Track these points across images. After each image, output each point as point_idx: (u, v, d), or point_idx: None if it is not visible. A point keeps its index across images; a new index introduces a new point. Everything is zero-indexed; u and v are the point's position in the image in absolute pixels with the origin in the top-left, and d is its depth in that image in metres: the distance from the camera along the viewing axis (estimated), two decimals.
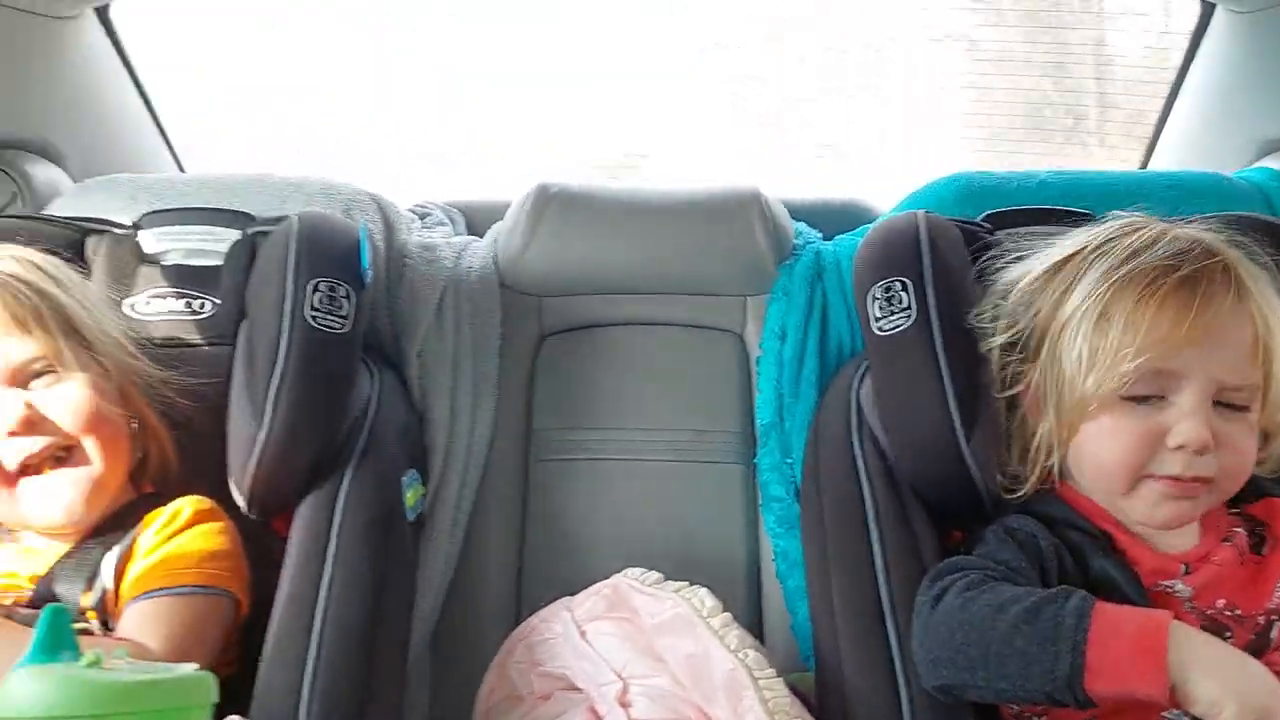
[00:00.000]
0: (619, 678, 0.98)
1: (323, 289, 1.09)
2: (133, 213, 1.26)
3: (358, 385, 1.15)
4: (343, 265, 1.13)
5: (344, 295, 1.11)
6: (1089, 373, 0.91)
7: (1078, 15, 2.50)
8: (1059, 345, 0.95)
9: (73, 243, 1.20)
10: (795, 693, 0.96)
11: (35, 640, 0.68)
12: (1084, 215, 1.08)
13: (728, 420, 1.34)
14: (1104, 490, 0.95)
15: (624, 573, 1.08)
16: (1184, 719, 0.81)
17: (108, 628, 0.96)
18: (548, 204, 1.37)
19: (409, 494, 1.15)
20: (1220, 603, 0.91)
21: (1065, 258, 0.98)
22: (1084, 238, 0.98)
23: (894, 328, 1.04)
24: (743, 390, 1.36)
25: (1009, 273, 1.04)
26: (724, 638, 0.94)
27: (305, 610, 0.97)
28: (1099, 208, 1.08)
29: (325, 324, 1.08)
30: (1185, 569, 0.92)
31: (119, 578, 0.97)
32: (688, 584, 1.02)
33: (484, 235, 1.45)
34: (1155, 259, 0.91)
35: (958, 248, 1.09)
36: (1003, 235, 1.12)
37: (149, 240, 1.22)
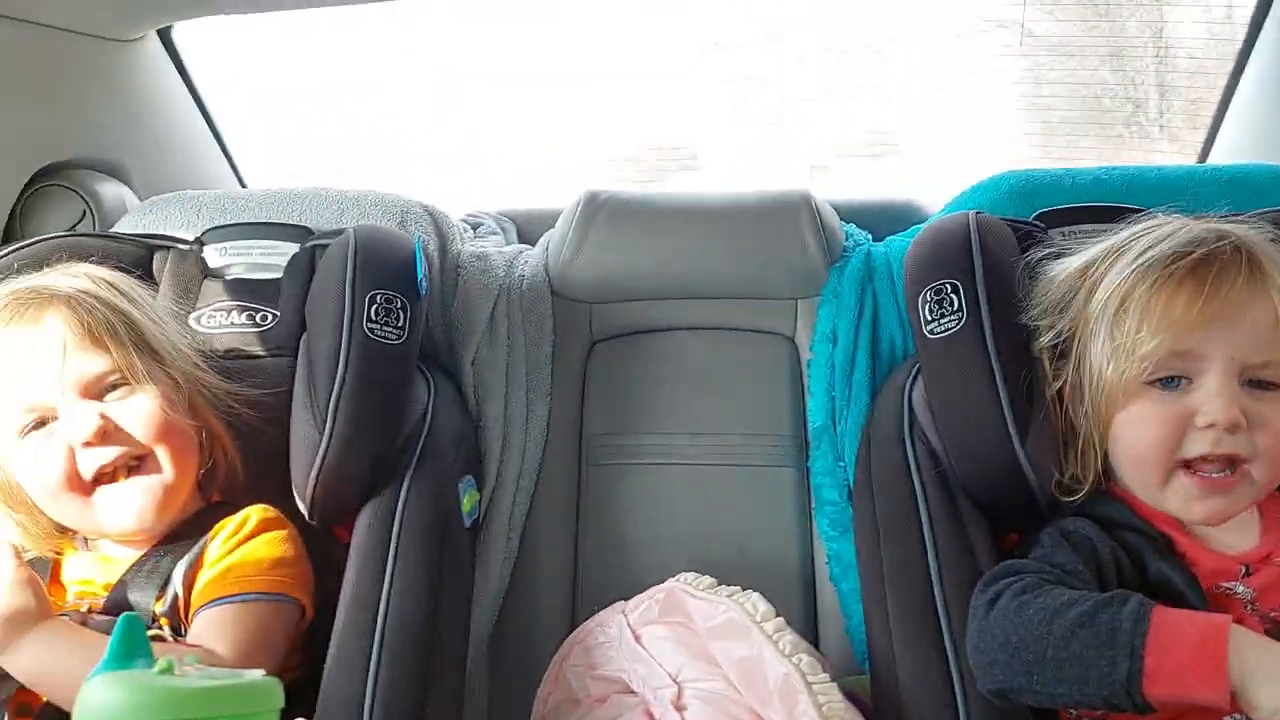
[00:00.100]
0: (674, 681, 0.98)
1: (379, 301, 1.11)
2: (196, 228, 1.30)
3: (414, 394, 1.17)
4: (398, 278, 1.15)
5: (400, 307, 1.12)
6: (1112, 363, 0.92)
7: (1136, 1, 2.44)
8: (1086, 342, 0.96)
9: (141, 259, 1.24)
10: (851, 696, 0.96)
11: (110, 647, 0.69)
12: (1139, 212, 1.06)
13: (779, 424, 1.34)
14: (1141, 483, 0.95)
15: (677, 577, 1.08)
16: None
17: (179, 634, 0.97)
18: (597, 212, 1.37)
19: (465, 500, 1.16)
20: None
21: (1092, 258, 0.99)
22: (1110, 238, 1.00)
23: (945, 330, 1.03)
24: (794, 394, 1.35)
25: (1050, 273, 1.03)
26: (777, 642, 0.94)
27: (367, 614, 0.99)
28: (1156, 203, 1.06)
29: (382, 335, 1.10)
30: (1245, 570, 0.91)
31: (189, 585, 0.99)
32: (740, 589, 1.02)
33: (535, 244, 1.46)
34: (1169, 248, 0.92)
35: (1009, 248, 1.07)
36: (1056, 234, 1.10)
37: (212, 255, 1.25)
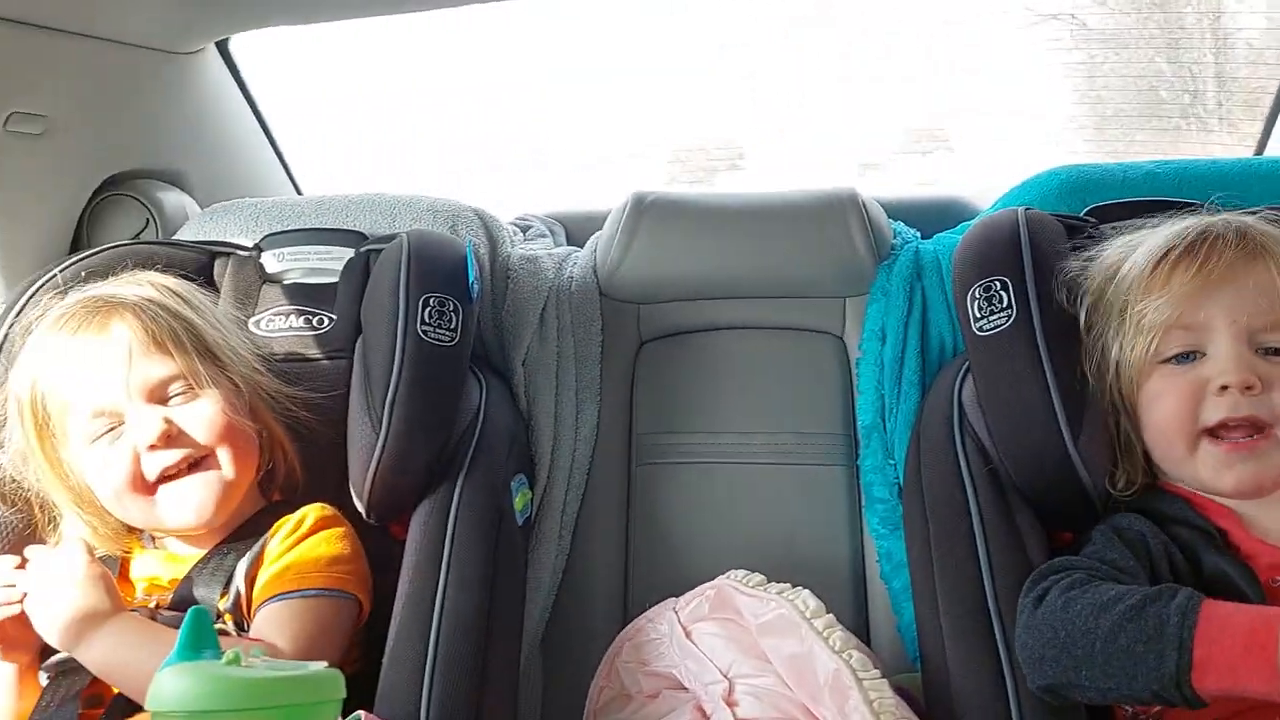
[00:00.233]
0: (724, 677, 0.98)
1: (432, 304, 1.13)
2: (254, 235, 1.33)
3: (467, 395, 1.18)
4: (451, 281, 1.17)
5: (452, 309, 1.14)
6: (1126, 345, 0.96)
7: None
8: (1108, 334, 0.98)
9: (202, 265, 1.28)
10: (902, 693, 0.95)
11: (180, 639, 0.71)
12: (1192, 206, 1.05)
13: (829, 422, 1.34)
14: (1171, 459, 0.96)
15: (727, 575, 1.08)
16: None
17: (242, 629, 1.00)
18: (644, 213, 1.38)
19: (517, 498, 1.18)
20: None
21: (1111, 254, 1.02)
22: (1127, 234, 1.03)
23: (994, 328, 1.02)
24: (843, 392, 1.35)
25: (1088, 270, 1.04)
26: (828, 639, 0.94)
27: (424, 609, 1.00)
28: (1209, 197, 1.05)
29: (435, 337, 1.12)
30: None
31: (251, 582, 1.01)
32: (790, 586, 1.02)
33: (583, 245, 1.48)
34: (1170, 232, 0.97)
35: (1059, 244, 1.07)
36: (1108, 229, 1.09)
37: (270, 261, 1.28)
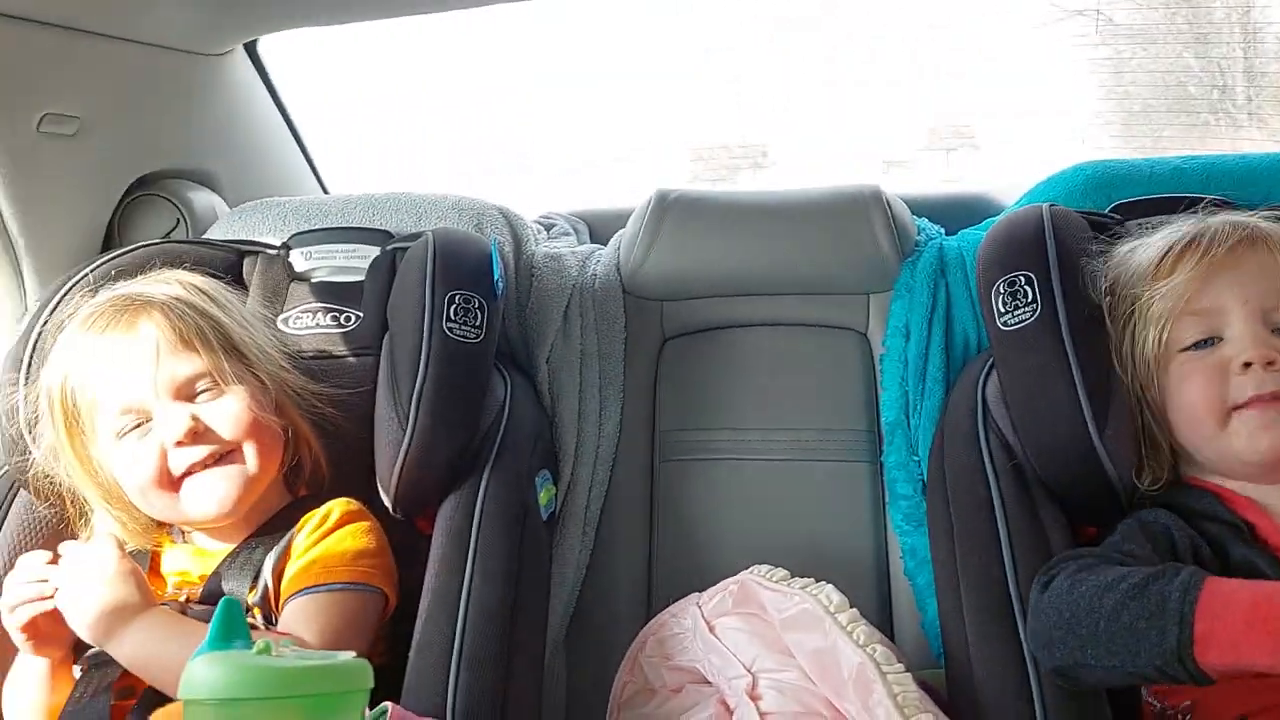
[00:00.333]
0: (748, 671, 0.98)
1: (458, 301, 1.14)
2: (282, 234, 1.35)
3: (492, 391, 1.19)
4: (476, 279, 1.18)
5: (477, 307, 1.15)
6: (1138, 339, 0.97)
7: None
8: (1121, 333, 0.99)
9: (231, 264, 1.29)
10: (926, 688, 0.95)
11: (212, 630, 0.73)
12: (1218, 202, 1.04)
13: (853, 419, 1.34)
14: (1203, 437, 0.95)
15: (750, 570, 1.09)
16: None
17: (270, 623, 1.01)
18: (667, 210, 1.38)
19: (542, 493, 1.18)
20: None
21: (1125, 254, 1.03)
22: (1138, 238, 1.04)
23: (1019, 323, 1.02)
24: (867, 388, 1.35)
25: (1112, 265, 1.04)
26: (851, 633, 0.94)
27: (450, 603, 1.01)
28: (1238, 192, 1.04)
29: (461, 335, 1.13)
30: None
31: (278, 576, 1.03)
32: (814, 580, 1.03)
33: (607, 243, 1.48)
34: (1168, 232, 0.99)
35: (1084, 240, 1.06)
36: (1133, 225, 1.08)
37: (298, 259, 1.30)
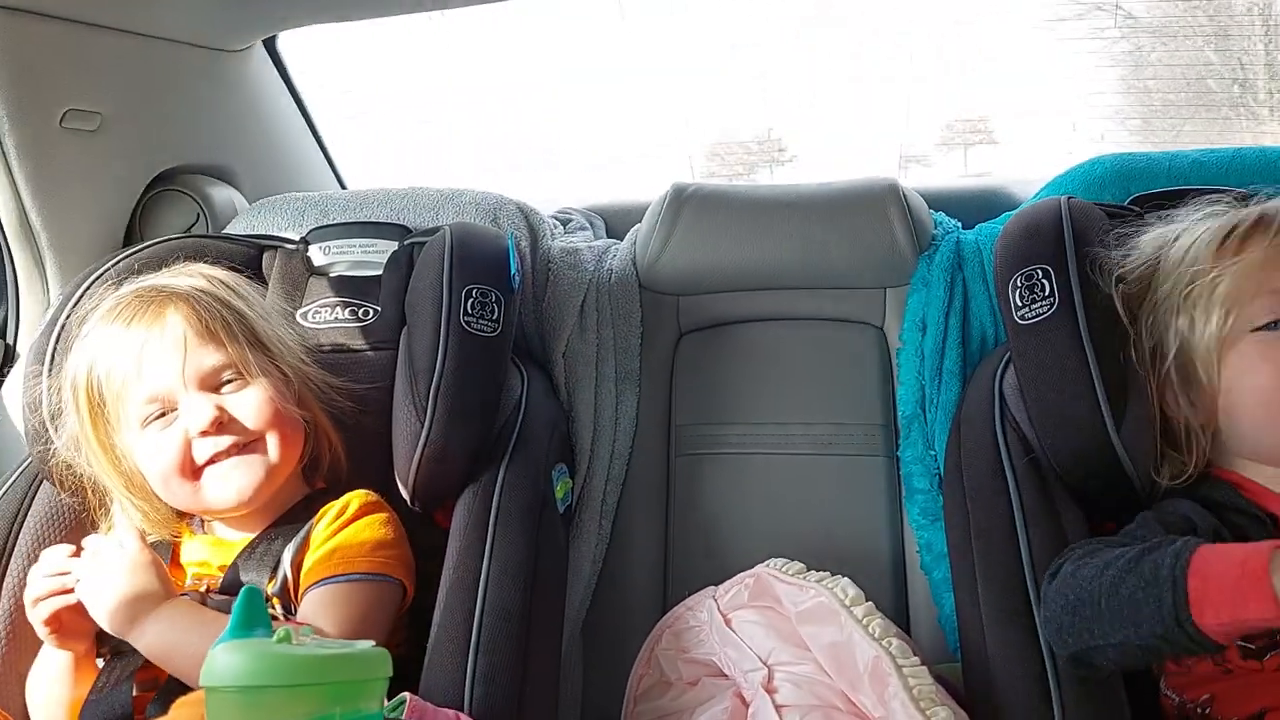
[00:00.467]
0: (764, 664, 0.99)
1: (475, 295, 1.14)
2: (301, 229, 1.36)
3: (509, 385, 1.20)
4: (493, 272, 1.18)
5: (494, 301, 1.16)
6: (1197, 324, 0.94)
7: None
8: (1169, 321, 0.97)
9: (251, 259, 1.30)
10: (942, 682, 0.95)
11: (233, 618, 0.73)
12: (1239, 194, 1.04)
13: (869, 413, 1.34)
14: (1274, 423, 0.93)
15: (766, 563, 1.09)
16: None
17: (289, 613, 1.02)
18: (683, 205, 1.38)
19: (558, 487, 1.19)
20: None
21: (1157, 243, 1.01)
22: (1168, 225, 1.03)
23: (1036, 316, 1.02)
24: (884, 382, 1.35)
25: (1129, 259, 1.03)
26: (867, 626, 0.94)
27: (467, 595, 1.02)
28: (1257, 185, 1.03)
29: (478, 328, 1.13)
30: None
31: (297, 567, 1.03)
32: (829, 574, 1.03)
33: (623, 238, 1.48)
34: (1229, 217, 0.96)
35: (1103, 233, 1.06)
36: (1152, 218, 1.08)
37: (316, 254, 1.31)
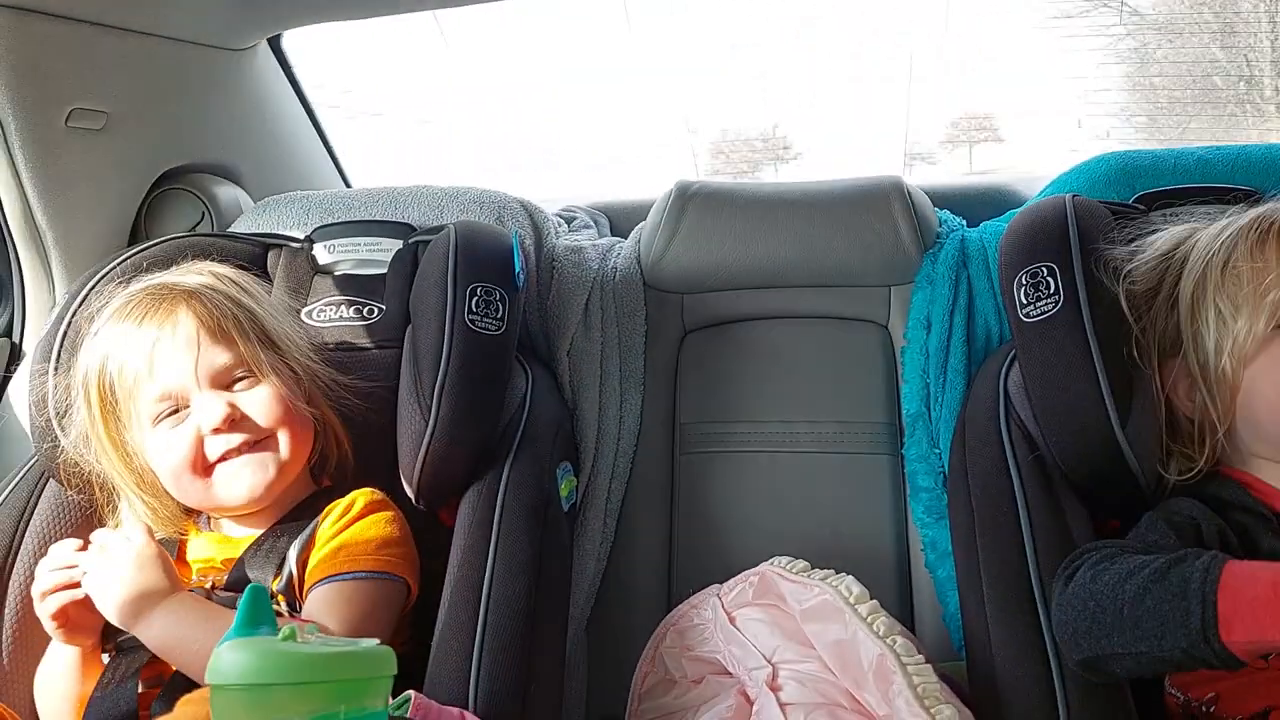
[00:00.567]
0: (768, 662, 0.99)
1: (479, 293, 1.14)
2: (306, 227, 1.36)
3: (513, 384, 1.20)
4: (497, 271, 1.18)
5: (499, 299, 1.16)
6: (1245, 318, 0.92)
7: None
8: (1190, 318, 0.96)
9: (256, 257, 1.31)
10: (946, 680, 0.95)
11: (238, 616, 0.74)
12: (1245, 192, 1.04)
13: (873, 411, 1.34)
14: None
15: (770, 561, 1.09)
16: None
17: (294, 610, 1.02)
18: (688, 203, 1.38)
19: (563, 485, 1.19)
20: None
21: (1174, 242, 0.99)
22: (1181, 225, 1.02)
23: (1041, 314, 1.02)
24: (888, 381, 1.35)
25: (1140, 257, 1.02)
26: (871, 624, 0.94)
27: (472, 593, 1.02)
28: (1263, 183, 1.03)
29: (483, 327, 1.13)
30: None
31: (302, 564, 1.04)
32: (834, 572, 1.03)
33: (627, 236, 1.48)
34: (1253, 217, 0.94)
35: (1108, 231, 1.05)
36: (1157, 216, 1.08)
37: (321, 252, 1.31)
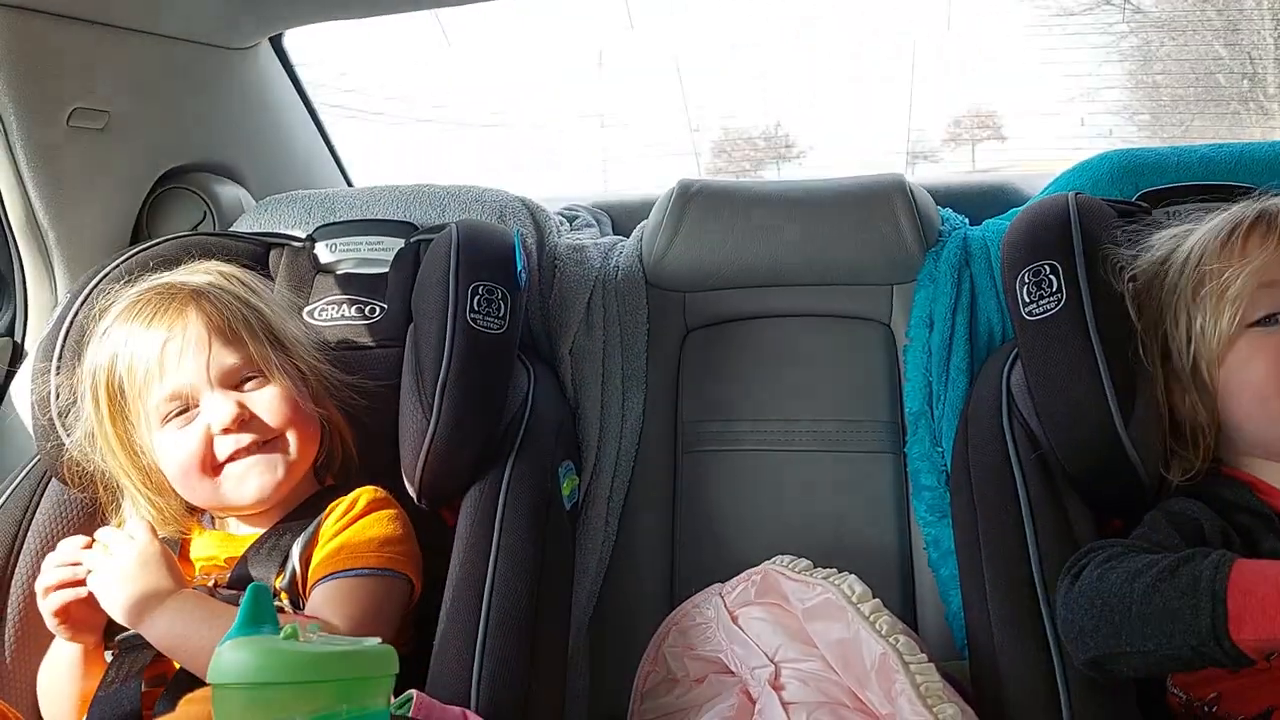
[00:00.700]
0: (771, 661, 0.99)
1: (481, 292, 1.14)
2: (308, 226, 1.36)
3: (515, 382, 1.20)
4: (499, 270, 1.18)
5: (500, 298, 1.15)
6: (1205, 319, 0.94)
7: None
8: (1176, 318, 0.97)
9: (258, 256, 1.31)
10: (949, 679, 0.95)
11: (240, 615, 0.74)
12: (1248, 190, 1.03)
13: (876, 409, 1.34)
14: (1269, 418, 0.93)
15: (773, 560, 1.09)
16: None
17: (297, 607, 1.02)
18: (689, 202, 1.38)
19: (565, 484, 1.19)
20: None
21: (1166, 243, 1.00)
22: (1179, 224, 1.02)
23: (1044, 312, 1.01)
24: (891, 379, 1.35)
25: (1142, 257, 1.02)
26: (874, 623, 0.94)
27: (474, 592, 1.02)
28: (1267, 181, 1.03)
29: (484, 325, 1.13)
30: None
31: (306, 562, 1.04)
32: (836, 570, 1.03)
33: (629, 235, 1.48)
34: (1232, 214, 0.96)
35: (1111, 229, 1.05)
36: (1160, 214, 1.08)
37: (323, 251, 1.31)
